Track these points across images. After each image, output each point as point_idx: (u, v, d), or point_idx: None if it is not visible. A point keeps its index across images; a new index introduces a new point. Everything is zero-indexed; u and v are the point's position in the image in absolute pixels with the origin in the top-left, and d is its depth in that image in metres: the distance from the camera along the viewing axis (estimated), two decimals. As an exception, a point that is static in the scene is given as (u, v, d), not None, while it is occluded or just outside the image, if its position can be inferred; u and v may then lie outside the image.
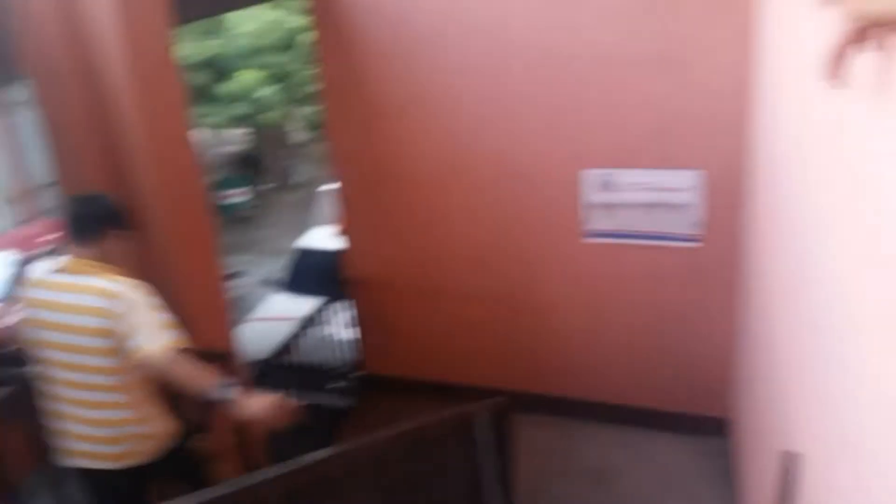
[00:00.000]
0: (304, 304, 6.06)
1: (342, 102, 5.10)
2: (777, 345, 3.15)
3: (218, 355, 3.21)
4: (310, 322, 5.24)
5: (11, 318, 2.78)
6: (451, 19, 4.68)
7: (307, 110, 14.08)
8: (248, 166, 16.09)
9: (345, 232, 5.48)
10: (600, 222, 4.74)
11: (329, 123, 5.32)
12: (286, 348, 4.97)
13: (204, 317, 3.65)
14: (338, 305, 5.56)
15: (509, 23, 4.56)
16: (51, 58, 3.11)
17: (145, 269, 2.92)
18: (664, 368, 5.02)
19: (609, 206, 4.68)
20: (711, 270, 4.66)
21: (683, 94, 4.33)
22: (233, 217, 13.86)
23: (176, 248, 3.45)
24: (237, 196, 13.99)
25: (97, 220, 2.65)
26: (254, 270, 10.66)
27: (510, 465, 3.80)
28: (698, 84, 4.28)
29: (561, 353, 5.26)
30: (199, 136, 15.02)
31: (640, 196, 4.60)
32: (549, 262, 5.03)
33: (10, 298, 2.85)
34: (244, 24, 13.15)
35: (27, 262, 5.42)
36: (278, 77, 13.57)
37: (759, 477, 3.57)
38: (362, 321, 5.67)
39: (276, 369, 4.94)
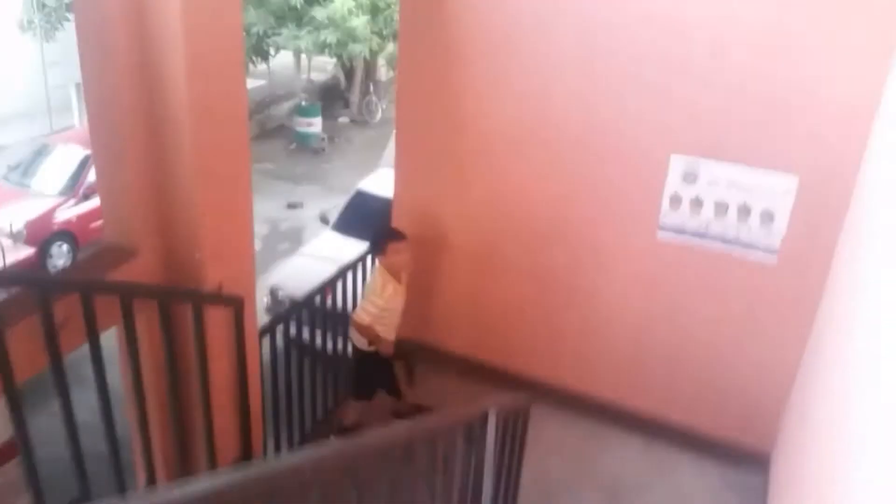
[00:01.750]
0: (353, 248, 5.88)
1: (417, 41, 4.76)
2: (838, 397, 2.79)
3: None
4: (351, 268, 5.04)
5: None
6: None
7: (394, 48, 13.80)
8: (329, 97, 15.96)
9: (398, 180, 5.21)
10: (680, 217, 4.34)
11: (401, 62, 4.99)
12: (323, 290, 4.77)
13: (225, 258, 3.49)
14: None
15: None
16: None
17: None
18: (711, 387, 4.65)
19: (691, 201, 4.27)
20: (786, 292, 4.24)
21: (798, 83, 3.84)
22: (306, 146, 13.79)
23: (206, 180, 3.24)
24: (313, 125, 13.88)
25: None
26: (315, 203, 10.58)
27: (518, 469, 3.60)
28: (818, 76, 3.78)
29: (605, 352, 4.94)
30: (285, 58, 14.94)
31: (726, 195, 4.17)
32: (616, 251, 4.66)
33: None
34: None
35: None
36: (372, 9, 13.26)
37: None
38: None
39: (313, 309, 4.76)
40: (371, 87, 16.16)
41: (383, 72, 16.89)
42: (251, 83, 15.12)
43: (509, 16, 4.41)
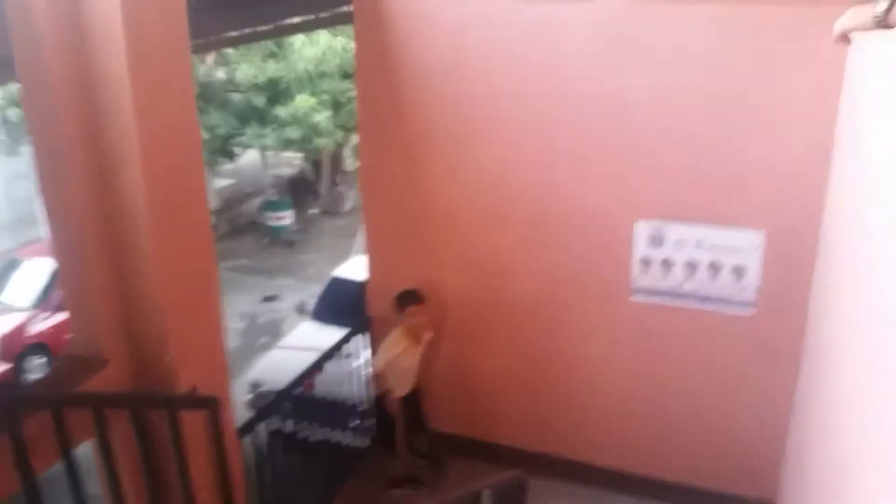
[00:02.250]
0: (330, 335, 5.81)
1: (377, 129, 4.83)
2: (833, 439, 2.76)
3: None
4: (331, 354, 4.96)
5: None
6: (502, 56, 4.38)
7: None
8: (298, 190, 16.10)
9: (371, 262, 5.20)
10: (651, 280, 4.37)
11: (363, 152, 5.06)
12: (303, 379, 4.68)
13: (197, 358, 3.42)
14: (362, 339, 5.27)
15: (567, 60, 4.25)
16: (43, 62, 2.89)
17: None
18: (709, 441, 4.59)
19: (661, 263, 4.31)
20: (769, 342, 4.24)
21: (755, 145, 3.96)
22: (278, 240, 13.80)
23: (171, 281, 3.21)
24: (284, 219, 13.94)
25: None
26: (292, 295, 10.51)
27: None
28: (773, 136, 3.92)
29: (596, 417, 4.87)
30: (252, 156, 15.16)
31: (695, 254, 4.22)
32: (594, 317, 4.65)
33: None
34: (306, 49, 13.20)
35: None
36: (334, 103, 13.55)
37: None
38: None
39: (296, 400, 4.67)
40: (338, 179, 16.35)
41: (349, 162, 17.14)
42: (220, 182, 15.25)
43: (463, 93, 4.51)
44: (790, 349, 4.14)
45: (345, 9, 5.48)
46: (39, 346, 8.95)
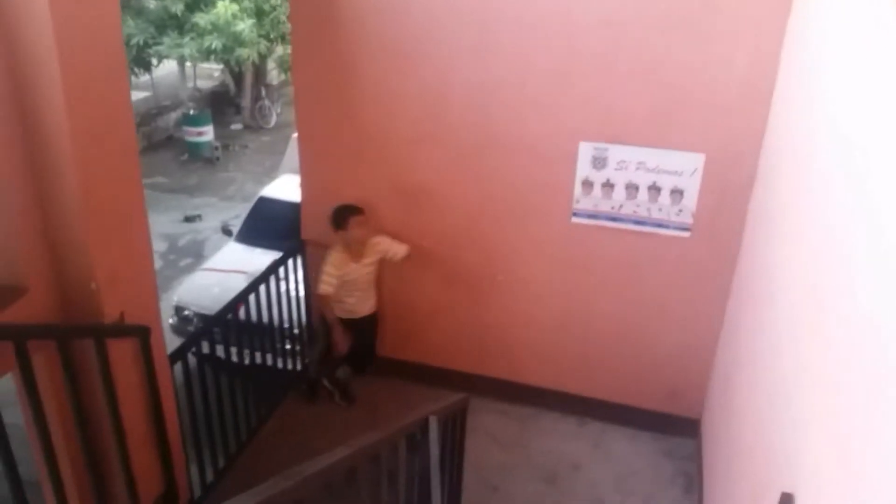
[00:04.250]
0: (259, 258, 5.65)
1: (311, 42, 4.56)
2: (765, 358, 2.85)
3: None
4: (264, 278, 4.83)
5: None
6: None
7: (286, 50, 13.44)
8: (219, 104, 15.40)
9: (305, 185, 5.02)
10: (591, 202, 4.36)
11: (296, 65, 4.79)
12: (236, 303, 4.55)
13: (124, 285, 3.24)
14: (295, 262, 5.14)
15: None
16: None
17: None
18: (639, 362, 4.74)
19: (601, 186, 4.29)
20: (701, 265, 4.34)
21: (698, 65, 3.91)
22: (198, 156, 13.26)
23: (95, 205, 3.00)
24: (204, 134, 13.36)
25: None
26: (215, 215, 10.17)
27: (460, 466, 3.55)
28: (716, 56, 3.86)
29: (532, 339, 4.94)
30: (169, 67, 14.36)
31: (636, 177, 4.22)
32: (532, 241, 4.64)
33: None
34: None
35: None
36: (258, 11, 12.83)
37: (729, 487, 3.31)
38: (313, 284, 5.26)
39: (227, 324, 4.56)
40: (263, 92, 15.69)
41: (274, 75, 16.44)
42: (135, 95, 14.39)
43: (401, 11, 4.29)
44: (722, 273, 4.26)
45: None
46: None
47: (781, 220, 3.16)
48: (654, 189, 4.20)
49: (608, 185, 4.27)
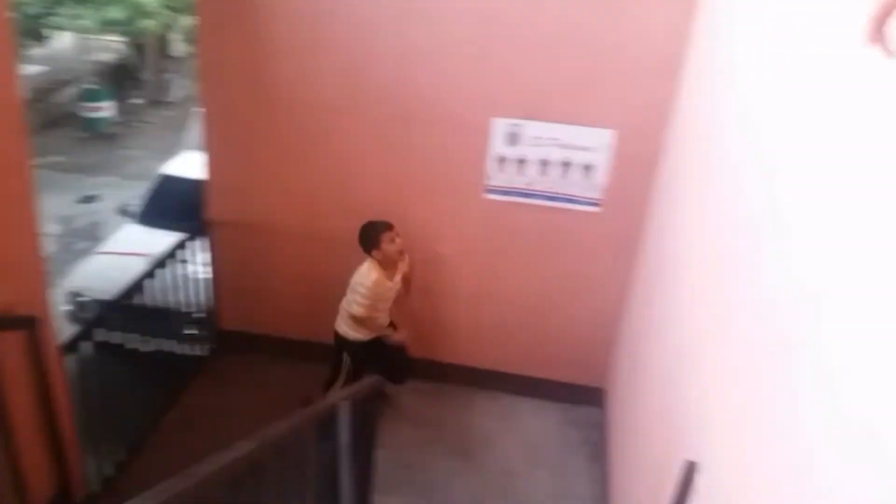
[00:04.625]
0: (160, 239, 5.37)
1: (220, 9, 4.31)
2: (670, 329, 2.88)
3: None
4: (165, 260, 4.59)
5: None
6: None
7: (189, 21, 12.88)
8: (119, 78, 14.66)
9: (210, 162, 4.79)
10: (505, 177, 4.33)
11: (202, 35, 4.51)
12: (136, 288, 4.30)
13: (11, 274, 3.01)
14: (198, 243, 4.91)
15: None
16: None
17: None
18: (548, 334, 4.81)
19: (515, 161, 4.26)
20: (610, 238, 4.41)
21: (610, 41, 3.90)
22: (97, 133, 12.60)
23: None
24: (104, 110, 12.69)
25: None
26: (113, 195, 9.68)
27: (372, 453, 3.47)
28: (627, 30, 3.86)
29: (446, 317, 4.91)
30: (67, 39, 13.57)
31: (549, 153, 4.20)
32: (446, 217, 4.58)
33: None
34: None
35: None
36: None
37: (634, 455, 3.37)
38: (219, 267, 5.05)
39: (125, 310, 4.30)
40: (165, 65, 15.04)
41: (179, 47, 15.77)
42: (30, 69, 13.54)
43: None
44: (627, 246, 4.35)
45: None
46: None
47: (686, 194, 3.20)
48: (566, 165, 4.20)
49: (522, 162, 4.25)
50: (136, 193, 7.40)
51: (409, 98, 4.25)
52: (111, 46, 15.78)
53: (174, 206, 6.24)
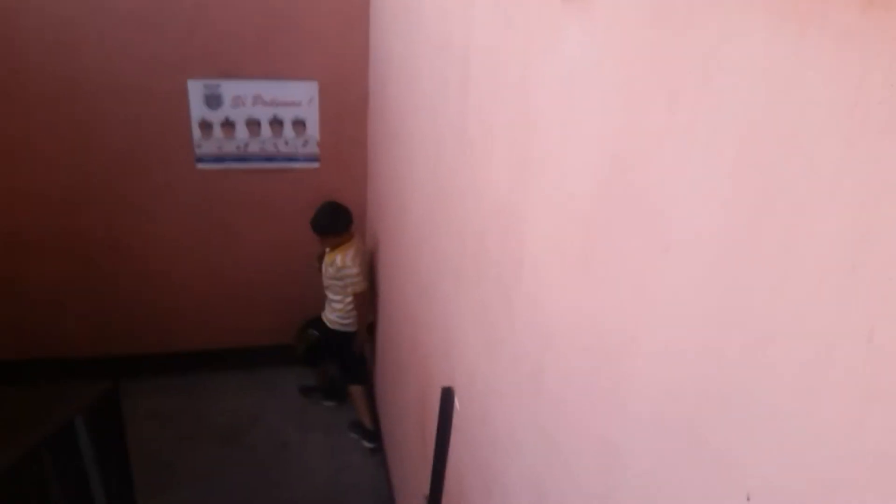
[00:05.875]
0: None
1: None
2: (413, 267, 2.94)
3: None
4: None
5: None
6: None
7: None
8: None
9: None
10: (214, 144, 4.09)
11: None
12: None
13: None
14: None
15: None
16: None
17: None
18: (287, 300, 4.65)
19: (222, 125, 4.03)
20: (336, 193, 4.30)
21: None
22: None
23: None
24: None
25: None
26: None
27: (126, 460, 3.17)
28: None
29: (174, 303, 4.56)
30: None
31: (255, 112, 4.04)
32: (157, 198, 4.21)
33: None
34: None
35: None
36: None
37: (400, 392, 3.44)
38: None
39: None
40: None
41: None
42: None
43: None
44: (356, 200, 4.28)
45: None
46: None
47: (396, 138, 3.23)
48: (277, 123, 4.07)
49: (228, 125, 4.03)
50: None
51: (82, 62, 3.77)
52: None
53: None
